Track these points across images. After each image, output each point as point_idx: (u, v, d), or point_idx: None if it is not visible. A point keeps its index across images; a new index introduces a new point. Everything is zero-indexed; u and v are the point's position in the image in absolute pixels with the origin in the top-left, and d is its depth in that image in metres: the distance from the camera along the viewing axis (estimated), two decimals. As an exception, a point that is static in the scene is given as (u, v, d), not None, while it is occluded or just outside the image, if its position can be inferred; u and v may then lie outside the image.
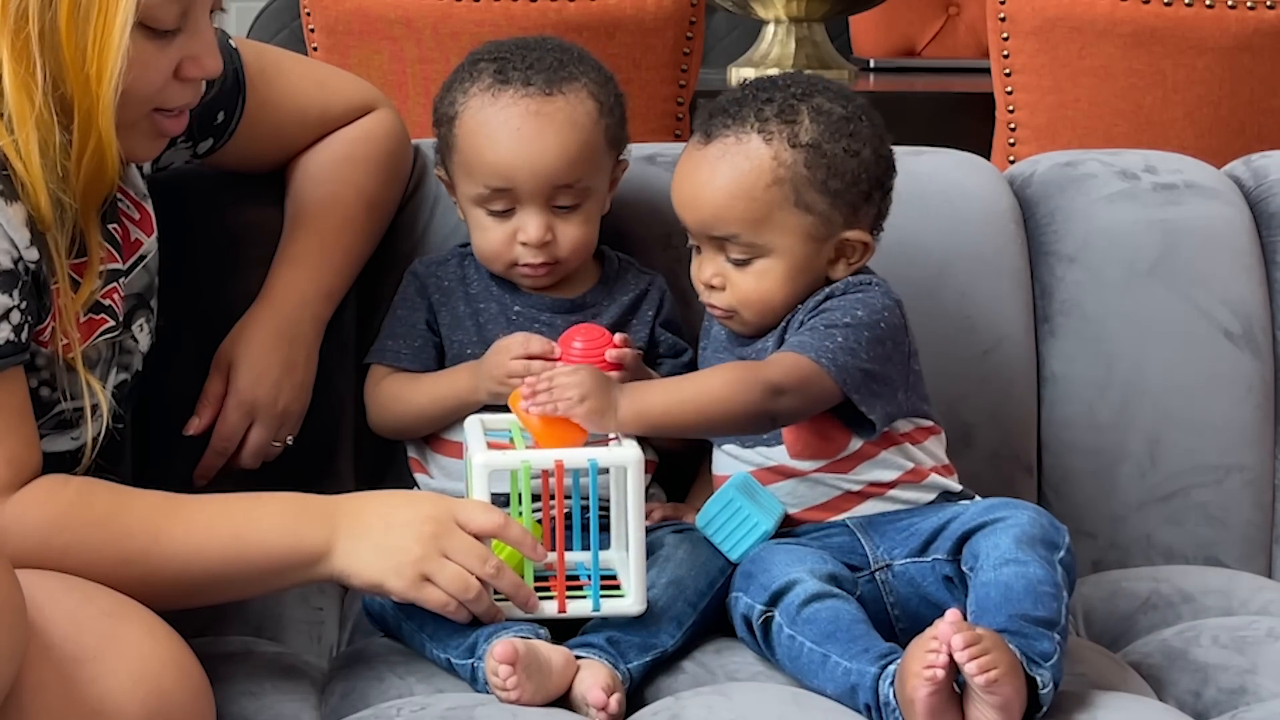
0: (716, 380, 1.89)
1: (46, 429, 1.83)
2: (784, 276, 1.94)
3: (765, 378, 1.86)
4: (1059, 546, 1.83)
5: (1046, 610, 1.77)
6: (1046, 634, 1.75)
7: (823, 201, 1.92)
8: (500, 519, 1.80)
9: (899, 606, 1.89)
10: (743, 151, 1.92)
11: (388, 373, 2.07)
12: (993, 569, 1.79)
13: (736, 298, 1.95)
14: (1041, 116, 3.12)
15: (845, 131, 1.93)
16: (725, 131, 1.93)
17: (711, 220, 1.94)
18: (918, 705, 1.69)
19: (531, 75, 2.01)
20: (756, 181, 1.92)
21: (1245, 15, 3.05)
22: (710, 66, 3.86)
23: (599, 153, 2.04)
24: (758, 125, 1.92)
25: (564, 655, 1.80)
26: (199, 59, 1.80)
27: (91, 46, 1.72)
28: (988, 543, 1.82)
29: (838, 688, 1.78)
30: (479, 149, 2.02)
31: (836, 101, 1.95)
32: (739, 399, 1.86)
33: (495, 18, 3.08)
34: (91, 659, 1.65)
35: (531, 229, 2.02)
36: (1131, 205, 2.24)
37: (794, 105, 1.93)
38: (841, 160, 1.92)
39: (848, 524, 1.94)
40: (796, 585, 1.83)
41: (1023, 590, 1.77)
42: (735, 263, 1.94)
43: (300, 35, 3.21)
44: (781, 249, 1.93)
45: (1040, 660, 1.74)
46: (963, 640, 1.68)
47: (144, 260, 1.95)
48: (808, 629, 1.81)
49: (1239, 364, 2.21)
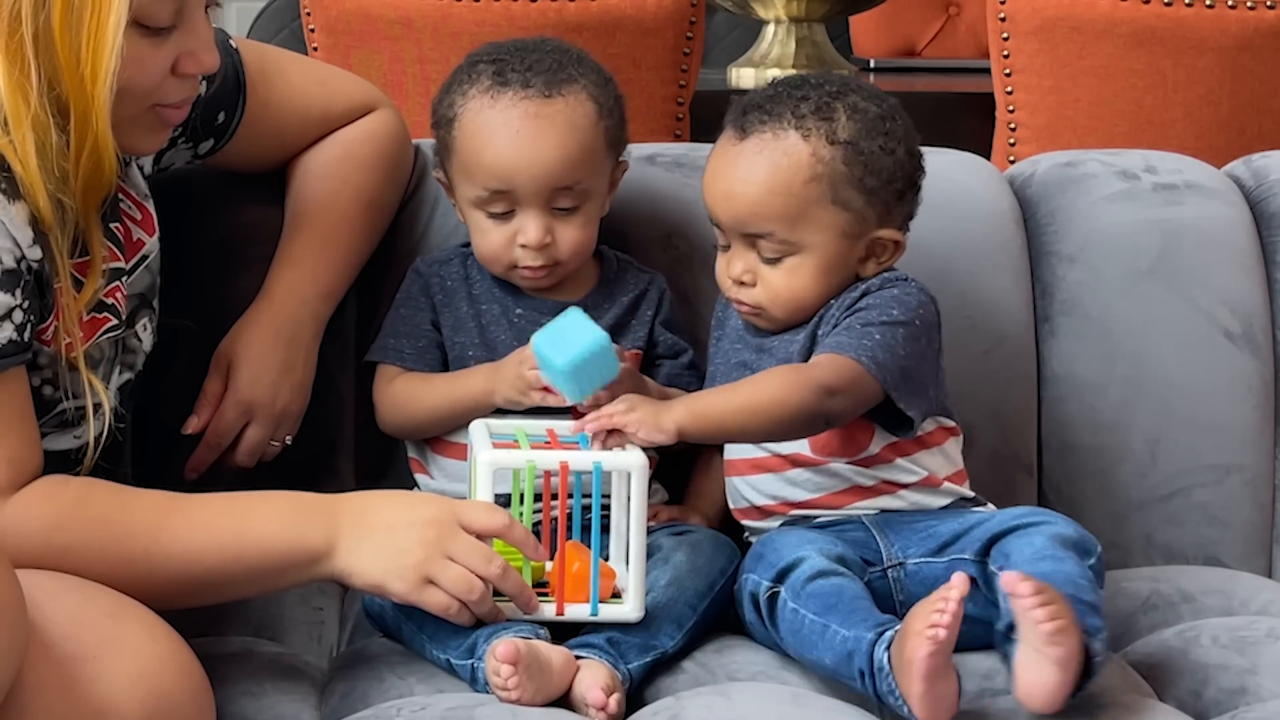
0: (770, 383, 1.88)
1: (49, 428, 1.83)
2: (816, 274, 1.94)
3: (817, 379, 1.86)
4: (1091, 554, 1.82)
5: (1090, 596, 1.76)
6: (1093, 613, 1.74)
7: (859, 199, 1.93)
8: (504, 519, 1.80)
9: (908, 605, 1.88)
10: (781, 147, 1.92)
11: (398, 373, 2.07)
12: (1029, 563, 1.78)
13: (767, 294, 1.95)
14: (1041, 116, 3.12)
15: (881, 130, 1.94)
16: (762, 127, 1.93)
17: (747, 216, 1.94)
18: (916, 665, 1.67)
19: (531, 77, 2.01)
20: (794, 177, 1.92)
21: (1245, 15, 3.05)
22: (710, 66, 3.86)
23: (598, 155, 2.03)
24: (795, 122, 1.93)
25: (564, 655, 1.80)
26: (196, 55, 1.80)
27: (85, 47, 1.72)
28: (1021, 541, 1.82)
29: (835, 656, 1.77)
30: (478, 151, 2.02)
31: (871, 100, 1.96)
32: (793, 401, 1.85)
33: (495, 18, 3.08)
34: (92, 659, 1.65)
35: (531, 231, 2.01)
36: (1131, 205, 2.24)
37: (830, 103, 1.94)
38: (878, 158, 1.93)
39: (864, 520, 1.94)
40: (803, 562, 1.84)
41: (1063, 579, 1.76)
42: (767, 260, 1.94)
43: (300, 35, 3.21)
44: (815, 246, 1.93)
45: (1092, 631, 1.72)
46: (1030, 587, 1.66)
47: (146, 260, 1.95)
48: (811, 602, 1.80)
49: (1239, 364, 2.21)
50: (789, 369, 1.91)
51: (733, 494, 2.02)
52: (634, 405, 1.84)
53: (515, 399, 1.97)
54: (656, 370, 2.08)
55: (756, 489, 1.98)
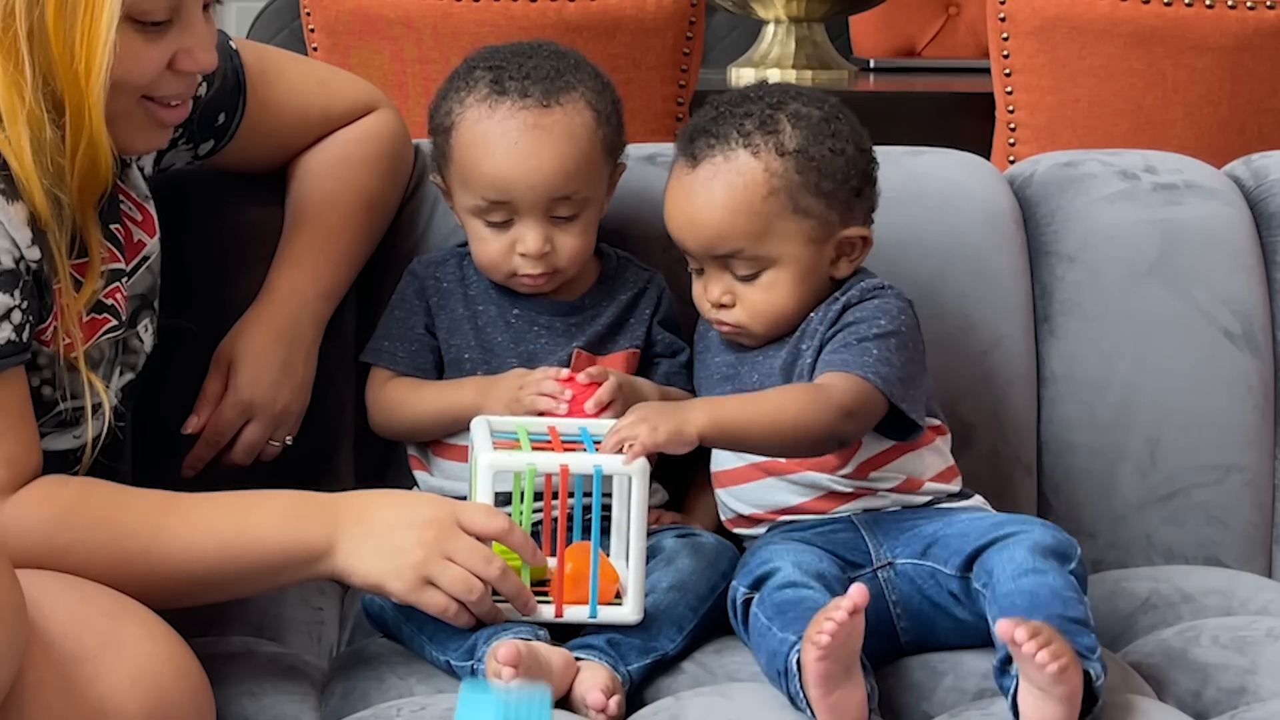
0: (790, 399, 1.89)
1: (48, 428, 1.83)
2: (792, 284, 1.95)
3: (838, 402, 1.87)
4: (1071, 558, 1.82)
5: (1076, 612, 1.76)
6: (1084, 630, 1.75)
7: (818, 204, 1.94)
8: (503, 523, 1.80)
9: (901, 605, 1.89)
10: (733, 168, 1.93)
11: (390, 376, 2.07)
12: (1012, 580, 1.79)
13: (747, 313, 1.96)
14: (1041, 116, 3.12)
15: (827, 132, 1.95)
16: (711, 151, 1.94)
17: (714, 240, 1.94)
18: (809, 671, 1.69)
19: (529, 86, 2.00)
20: (753, 195, 1.93)
21: (1245, 15, 3.05)
22: (710, 66, 3.86)
23: (596, 163, 2.03)
24: (741, 140, 1.94)
25: (564, 657, 1.80)
26: (192, 52, 1.81)
27: (79, 43, 1.72)
28: (1002, 556, 1.82)
29: (767, 657, 1.79)
30: (476, 162, 2.01)
31: (812, 105, 1.97)
32: (813, 420, 1.86)
33: (495, 18, 3.08)
34: (91, 658, 1.65)
35: (530, 241, 2.01)
36: (1131, 205, 2.24)
37: (772, 115, 1.95)
38: (829, 160, 1.94)
39: (853, 520, 1.94)
40: (778, 572, 1.84)
41: (1048, 596, 1.77)
42: (742, 278, 1.95)
43: (300, 35, 3.21)
44: (786, 257, 1.94)
45: (1087, 654, 1.73)
46: (1027, 632, 1.66)
47: (147, 261, 1.96)
48: (768, 608, 1.81)
49: (1239, 364, 2.21)
50: (809, 387, 1.91)
51: (720, 505, 2.03)
52: (652, 420, 1.82)
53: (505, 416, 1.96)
54: (654, 369, 2.08)
55: (740, 499, 1.99)
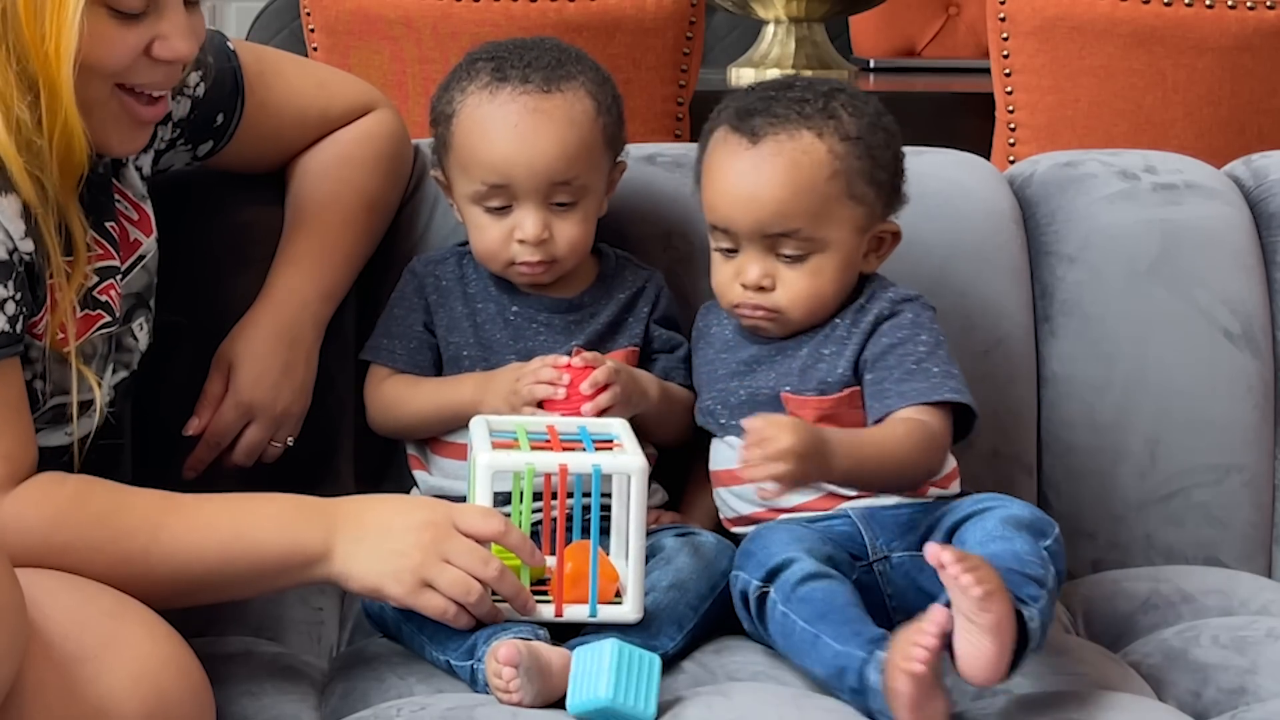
0: (909, 443, 1.91)
1: (40, 423, 1.83)
2: (836, 271, 1.96)
3: (938, 437, 1.91)
4: (1046, 535, 1.84)
5: (1031, 570, 1.78)
6: (1032, 583, 1.76)
7: (870, 192, 1.96)
8: (500, 525, 1.80)
9: (896, 598, 1.90)
10: (799, 146, 1.94)
11: (389, 374, 2.08)
12: (979, 545, 1.81)
13: (788, 297, 1.96)
14: (1041, 116, 3.12)
15: (880, 124, 1.98)
16: (773, 129, 1.95)
17: (772, 217, 1.95)
18: (902, 697, 1.70)
19: (529, 73, 2.01)
20: (817, 174, 1.94)
21: (1245, 15, 3.05)
22: (710, 66, 3.86)
23: (596, 151, 2.04)
24: (803, 122, 1.95)
25: (564, 657, 1.79)
26: (169, 40, 1.81)
27: (50, 24, 1.74)
28: (975, 527, 1.85)
29: (826, 669, 1.78)
30: (476, 146, 2.02)
31: (860, 98, 2.00)
32: (926, 460, 1.91)
33: (495, 18, 3.08)
34: (91, 658, 1.65)
35: (529, 226, 2.02)
36: (1131, 205, 2.24)
37: (829, 103, 1.97)
38: (882, 151, 1.97)
39: (850, 514, 1.94)
40: (794, 563, 1.84)
41: (1009, 556, 1.79)
42: (788, 260, 1.95)
43: (300, 35, 3.21)
44: (835, 242, 1.96)
45: (1028, 600, 1.74)
46: (953, 556, 1.68)
47: (143, 260, 1.96)
48: (801, 608, 1.81)
49: (1239, 364, 2.21)
50: (917, 427, 1.91)
51: (720, 504, 2.02)
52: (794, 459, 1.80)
53: (505, 412, 1.96)
54: (652, 365, 2.08)
55: (741, 498, 1.99)
